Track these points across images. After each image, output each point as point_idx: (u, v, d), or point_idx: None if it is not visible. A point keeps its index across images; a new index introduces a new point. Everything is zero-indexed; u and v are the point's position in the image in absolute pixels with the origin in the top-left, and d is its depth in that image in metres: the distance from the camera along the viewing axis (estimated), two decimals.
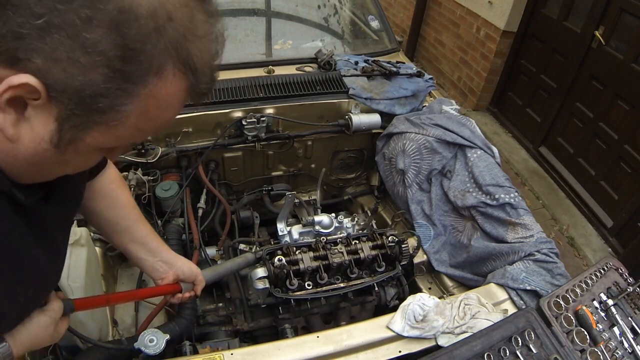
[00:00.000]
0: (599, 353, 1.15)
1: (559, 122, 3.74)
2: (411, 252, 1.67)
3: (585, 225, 3.36)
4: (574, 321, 1.21)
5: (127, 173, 1.77)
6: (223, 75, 1.85)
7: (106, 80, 0.45)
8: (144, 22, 0.44)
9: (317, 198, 2.10)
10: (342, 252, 1.56)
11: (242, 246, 1.77)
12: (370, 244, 1.60)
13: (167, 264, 1.03)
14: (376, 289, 1.63)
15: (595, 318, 1.23)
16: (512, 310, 1.37)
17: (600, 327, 1.23)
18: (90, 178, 0.91)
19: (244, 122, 1.87)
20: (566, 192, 3.62)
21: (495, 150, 1.89)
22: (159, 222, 1.78)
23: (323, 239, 1.57)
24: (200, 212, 1.83)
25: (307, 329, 1.59)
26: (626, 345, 1.22)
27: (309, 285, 1.51)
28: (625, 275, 1.38)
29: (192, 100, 0.53)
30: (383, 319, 1.30)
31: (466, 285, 1.68)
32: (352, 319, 1.65)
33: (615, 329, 1.25)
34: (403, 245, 1.62)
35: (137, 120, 0.50)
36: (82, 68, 0.44)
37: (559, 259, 1.53)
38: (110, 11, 0.42)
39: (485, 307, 1.33)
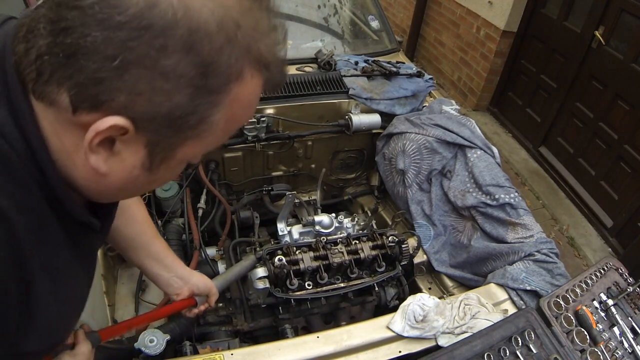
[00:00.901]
0: (599, 353, 1.15)
1: (559, 122, 3.74)
2: (411, 252, 1.67)
3: (585, 225, 3.36)
4: (574, 321, 1.21)
5: None
6: None
7: (192, 98, 0.46)
8: (216, 37, 0.45)
9: (317, 198, 2.10)
10: (342, 252, 1.56)
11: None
12: (371, 244, 1.60)
13: (182, 279, 1.05)
14: (376, 289, 1.63)
15: (595, 318, 1.23)
16: (512, 310, 1.37)
17: (600, 327, 1.23)
18: None
19: None
20: (566, 192, 3.62)
21: (495, 150, 1.89)
22: (159, 222, 1.78)
23: (323, 239, 1.57)
24: (200, 212, 1.83)
25: (307, 329, 1.59)
26: (626, 345, 1.22)
27: (309, 285, 1.51)
28: (625, 275, 1.38)
29: (267, 92, 0.55)
30: (383, 319, 1.30)
31: (466, 286, 1.68)
32: (352, 319, 1.65)
33: (615, 329, 1.25)
34: (403, 246, 1.62)
35: (225, 125, 0.51)
36: (166, 94, 0.45)
37: (559, 259, 1.53)
38: (182, 35, 0.43)
39: (485, 307, 1.33)
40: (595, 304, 1.29)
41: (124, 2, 0.41)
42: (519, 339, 1.13)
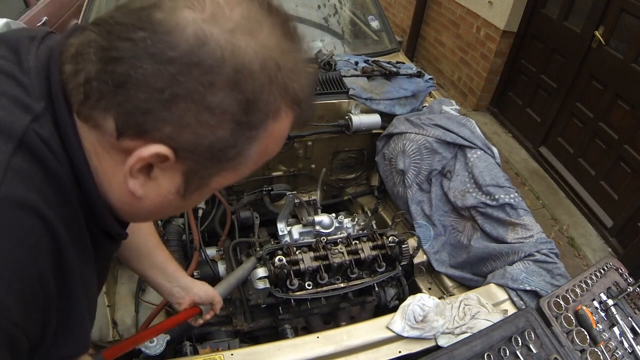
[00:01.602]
0: (599, 353, 1.15)
1: (559, 122, 3.74)
2: (411, 252, 1.67)
3: (585, 225, 3.36)
4: (574, 321, 1.21)
5: None
6: None
7: (233, 133, 0.48)
8: (258, 76, 0.46)
9: (317, 198, 2.10)
10: (342, 252, 1.56)
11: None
12: (371, 244, 1.61)
13: (184, 289, 1.06)
14: (376, 289, 1.63)
15: (595, 318, 1.23)
16: (512, 310, 1.37)
17: (600, 327, 1.23)
18: None
19: None
20: (566, 192, 3.62)
21: (495, 150, 1.89)
22: (159, 222, 1.78)
23: (323, 239, 1.57)
24: (200, 212, 1.83)
25: (307, 329, 1.59)
26: (626, 345, 1.22)
27: (309, 285, 1.51)
28: (625, 275, 1.38)
29: (296, 127, 0.57)
30: (383, 320, 1.30)
31: (466, 286, 1.69)
32: (352, 319, 1.65)
33: (615, 329, 1.25)
34: (403, 246, 1.62)
35: (257, 158, 0.54)
36: (210, 127, 0.47)
37: (558, 259, 1.53)
38: (228, 73, 0.45)
39: (485, 308, 1.33)
40: (595, 304, 1.29)
41: (176, 38, 0.43)
42: (519, 339, 1.13)
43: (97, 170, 0.51)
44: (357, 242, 1.60)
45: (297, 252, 1.53)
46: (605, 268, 1.38)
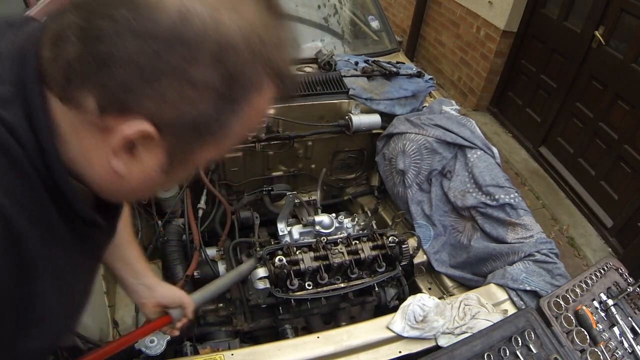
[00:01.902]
0: (599, 353, 1.15)
1: (559, 122, 3.74)
2: (411, 252, 1.67)
3: (585, 225, 3.36)
4: (574, 321, 1.21)
5: None
6: None
7: (216, 107, 0.48)
8: (242, 51, 0.46)
9: (317, 198, 2.10)
10: (342, 252, 1.56)
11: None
12: (371, 244, 1.61)
13: (149, 288, 1.03)
14: (376, 289, 1.63)
15: (595, 318, 1.23)
16: (512, 310, 1.37)
17: (600, 327, 1.23)
18: None
19: None
20: (566, 192, 3.62)
21: (495, 150, 1.90)
22: (159, 222, 1.78)
23: (323, 239, 1.57)
24: (200, 212, 1.83)
25: (307, 329, 1.59)
26: (626, 345, 1.22)
27: (309, 285, 1.51)
28: (625, 275, 1.38)
29: (279, 102, 0.57)
30: (383, 320, 1.31)
31: (466, 286, 1.69)
32: (352, 320, 1.65)
33: (615, 329, 1.25)
34: (403, 246, 1.62)
35: (239, 131, 0.54)
36: (193, 102, 0.46)
37: (558, 259, 1.53)
38: (211, 48, 0.44)
39: (485, 308, 1.33)
40: (595, 304, 1.29)
41: (158, 15, 0.43)
42: (519, 339, 1.13)
43: (76, 149, 0.50)
44: (357, 242, 1.60)
45: (297, 252, 1.53)
46: (605, 268, 1.38)
